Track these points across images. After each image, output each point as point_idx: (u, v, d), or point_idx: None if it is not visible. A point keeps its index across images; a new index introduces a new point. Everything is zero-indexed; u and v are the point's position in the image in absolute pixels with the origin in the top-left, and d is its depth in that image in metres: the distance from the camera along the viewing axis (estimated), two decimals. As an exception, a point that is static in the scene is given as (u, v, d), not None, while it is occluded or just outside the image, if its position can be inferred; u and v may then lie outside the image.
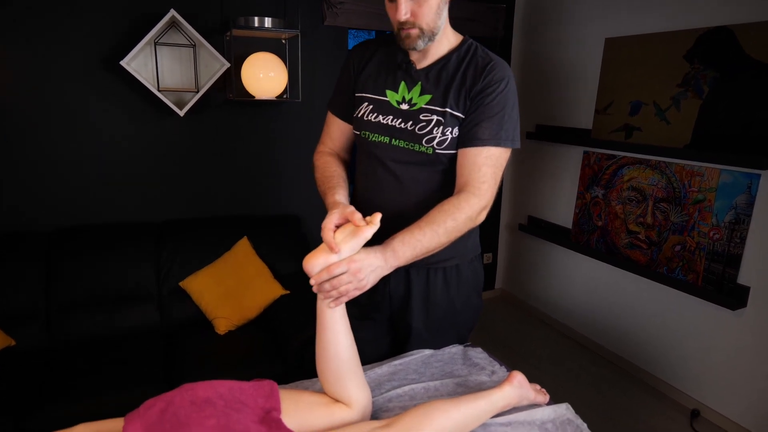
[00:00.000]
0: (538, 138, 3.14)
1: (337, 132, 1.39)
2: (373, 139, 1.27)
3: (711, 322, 2.28)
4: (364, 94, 1.29)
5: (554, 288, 3.21)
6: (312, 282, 1.01)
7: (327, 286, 0.99)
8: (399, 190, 1.27)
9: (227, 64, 2.37)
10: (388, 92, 1.26)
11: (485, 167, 1.17)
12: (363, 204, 1.34)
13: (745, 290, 2.11)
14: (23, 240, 2.21)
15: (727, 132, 2.13)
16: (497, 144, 1.17)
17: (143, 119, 2.40)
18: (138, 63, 2.31)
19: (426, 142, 1.21)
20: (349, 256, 1.01)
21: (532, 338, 3.09)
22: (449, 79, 1.21)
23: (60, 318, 2.18)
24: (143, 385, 1.89)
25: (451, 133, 1.19)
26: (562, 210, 3.06)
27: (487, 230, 3.56)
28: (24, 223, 2.28)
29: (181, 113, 2.29)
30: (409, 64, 1.24)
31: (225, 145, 2.59)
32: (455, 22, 1.29)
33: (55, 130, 2.26)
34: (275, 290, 2.35)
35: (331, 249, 1.00)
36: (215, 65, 2.45)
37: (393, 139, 1.25)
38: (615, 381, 2.64)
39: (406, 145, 1.23)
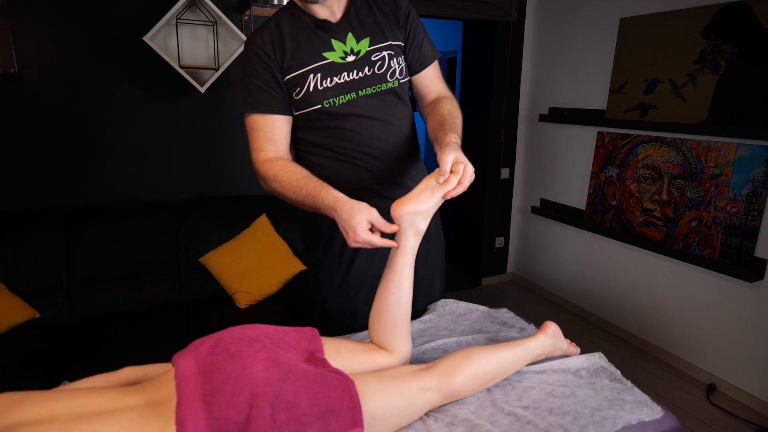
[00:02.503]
0: (551, 120, 3.16)
1: (278, 131, 1.26)
2: (340, 101, 1.25)
3: (727, 296, 2.30)
4: (302, 70, 1.22)
5: (567, 269, 3.22)
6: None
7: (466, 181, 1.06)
8: (386, 129, 1.31)
9: (247, 42, 2.39)
10: (326, 54, 1.24)
11: (440, 77, 1.38)
12: (355, 170, 1.32)
13: (763, 262, 2.13)
14: (44, 216, 2.23)
15: (745, 106, 2.14)
16: (436, 55, 1.37)
17: (164, 97, 2.42)
18: (158, 41, 2.33)
19: (390, 76, 1.28)
20: (455, 159, 1.06)
21: (545, 320, 3.09)
22: (369, 17, 1.28)
23: (81, 292, 2.20)
24: (166, 354, 1.91)
25: (401, 62, 1.30)
26: (576, 191, 3.08)
27: (499, 214, 3.58)
28: (44, 199, 2.31)
29: (202, 90, 2.31)
30: (326, 22, 1.24)
31: (243, 123, 2.60)
32: (469, 5, 1.34)
33: (76, 107, 2.28)
34: (295, 266, 2.37)
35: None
36: (234, 44, 2.47)
37: (359, 91, 1.26)
38: (631, 359, 2.65)
39: (374, 89, 1.27)
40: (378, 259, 1.36)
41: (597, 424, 0.98)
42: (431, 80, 1.37)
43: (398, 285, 1.09)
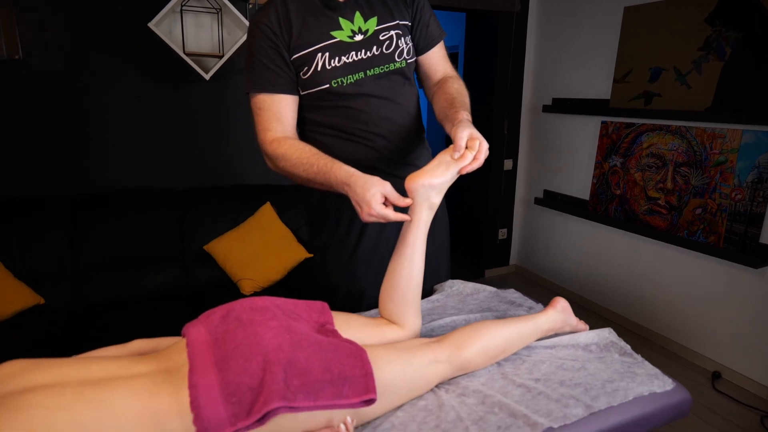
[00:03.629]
0: (555, 111, 3.16)
1: (285, 111, 1.24)
2: (348, 81, 1.23)
3: (732, 283, 2.30)
4: (310, 49, 1.21)
5: (571, 260, 3.22)
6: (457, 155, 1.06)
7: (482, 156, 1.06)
8: (393, 109, 1.30)
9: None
10: (334, 33, 1.23)
11: (446, 57, 1.38)
12: (362, 149, 1.31)
13: (768, 249, 2.13)
14: (49, 203, 2.23)
15: (751, 92, 2.14)
16: (443, 35, 1.37)
17: (168, 85, 2.42)
18: (163, 29, 2.33)
19: (398, 56, 1.27)
20: (470, 134, 1.07)
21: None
22: None
23: (86, 278, 2.20)
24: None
25: (408, 41, 1.30)
26: (579, 181, 3.08)
27: (502, 206, 3.57)
28: (48, 186, 2.31)
29: (207, 76, 2.30)
30: (333, 1, 1.23)
31: (248, 111, 2.59)
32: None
33: (81, 94, 2.28)
34: (299, 253, 2.37)
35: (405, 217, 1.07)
36: (238, 32, 2.47)
37: (367, 71, 1.25)
38: (635, 348, 2.60)
39: (382, 69, 1.26)
40: (386, 238, 1.36)
41: (608, 395, 0.98)
42: (437, 60, 1.37)
43: (410, 259, 1.09)
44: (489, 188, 3.50)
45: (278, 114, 1.24)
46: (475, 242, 3.71)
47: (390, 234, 1.34)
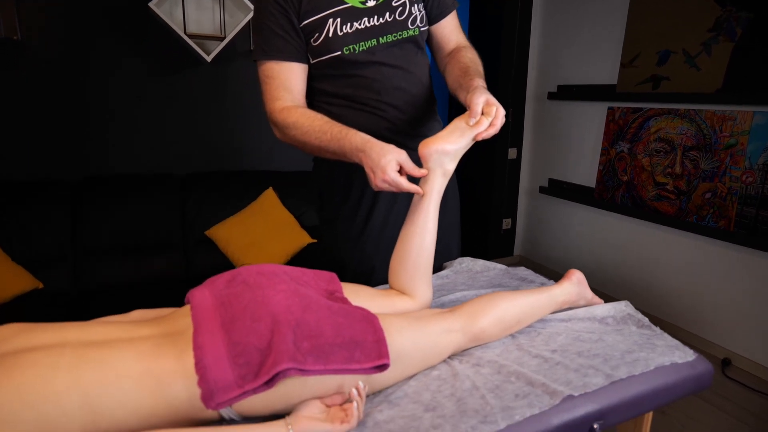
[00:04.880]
0: (560, 98, 3.12)
1: (294, 79, 1.20)
2: (360, 49, 1.19)
3: (742, 268, 2.26)
4: (321, 14, 1.17)
5: (576, 249, 3.18)
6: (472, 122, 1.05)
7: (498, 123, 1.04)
8: (406, 78, 1.27)
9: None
10: None
11: (459, 27, 1.34)
12: (374, 119, 1.26)
13: (780, 232, 2.09)
14: (49, 187, 2.20)
15: (762, 73, 2.10)
16: (455, 4, 1.34)
17: (169, 68, 2.38)
18: (164, 11, 2.29)
19: (411, 23, 1.23)
20: (486, 100, 1.05)
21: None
22: None
23: (86, 263, 2.17)
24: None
25: (421, 9, 1.26)
26: (585, 169, 3.04)
27: (506, 196, 3.54)
28: (49, 171, 2.27)
29: (209, 58, 2.26)
30: None
31: (250, 96, 2.57)
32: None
33: (80, 75, 2.24)
34: (302, 239, 2.34)
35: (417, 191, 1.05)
36: (240, 15, 2.43)
37: (380, 38, 1.21)
38: (642, 335, 2.61)
39: (395, 36, 1.22)
40: (396, 212, 1.32)
41: (629, 365, 0.95)
42: (451, 30, 1.33)
43: (423, 226, 1.05)
44: (493, 178, 3.46)
45: (287, 82, 1.20)
46: (479, 233, 3.67)
47: (400, 209, 1.30)
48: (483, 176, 3.52)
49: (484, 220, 3.59)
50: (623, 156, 2.75)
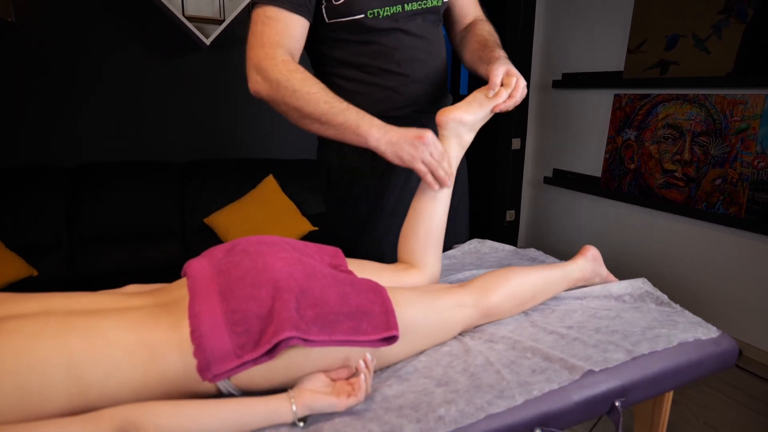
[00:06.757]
0: (565, 86, 3.07)
1: (297, 31, 1.04)
2: (385, 14, 1.09)
3: (755, 255, 2.21)
4: None
5: (582, 239, 3.13)
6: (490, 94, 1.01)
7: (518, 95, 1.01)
8: (426, 50, 1.19)
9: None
10: None
11: (477, 0, 1.30)
12: (389, 93, 1.18)
13: (793, 218, 2.04)
14: (46, 174, 2.15)
15: (774, 54, 2.05)
16: None
17: (166, 53, 2.33)
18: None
19: None
20: (506, 71, 1.02)
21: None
22: None
23: (82, 250, 2.12)
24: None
25: None
26: (591, 158, 2.98)
27: (510, 188, 3.48)
28: (46, 158, 2.22)
29: (207, 42, 2.21)
30: None
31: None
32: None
33: (75, 58, 2.19)
34: (303, 226, 2.29)
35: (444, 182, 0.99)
36: (239, -2, 2.37)
37: (406, 5, 1.11)
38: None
39: (420, 5, 1.13)
40: (411, 190, 1.22)
41: (650, 341, 0.90)
42: (470, 2, 1.29)
43: (437, 196, 1.00)
44: (496, 169, 3.41)
45: (288, 30, 1.03)
46: (482, 224, 3.61)
47: (412, 191, 1.21)
48: (486, 167, 3.46)
49: (487, 212, 3.54)
50: (630, 144, 2.69)
